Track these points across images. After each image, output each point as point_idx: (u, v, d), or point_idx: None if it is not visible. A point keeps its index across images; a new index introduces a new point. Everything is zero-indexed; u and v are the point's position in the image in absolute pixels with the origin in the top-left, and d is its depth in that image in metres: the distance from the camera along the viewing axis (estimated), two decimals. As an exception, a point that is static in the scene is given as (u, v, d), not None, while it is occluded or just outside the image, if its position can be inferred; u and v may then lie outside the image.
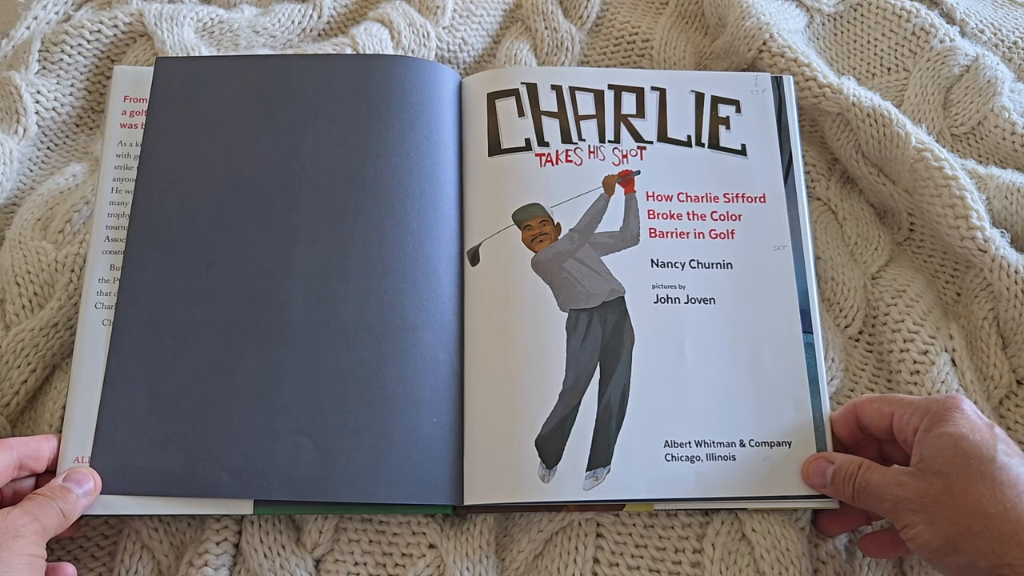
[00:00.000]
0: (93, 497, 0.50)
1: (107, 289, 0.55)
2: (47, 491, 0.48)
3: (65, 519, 0.48)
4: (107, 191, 0.58)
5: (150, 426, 0.52)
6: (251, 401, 0.53)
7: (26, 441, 0.50)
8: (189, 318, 0.54)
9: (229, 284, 0.55)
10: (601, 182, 0.59)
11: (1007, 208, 0.62)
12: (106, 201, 0.58)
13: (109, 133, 0.59)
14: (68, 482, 0.49)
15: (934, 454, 0.46)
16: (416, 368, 0.54)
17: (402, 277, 0.56)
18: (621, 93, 0.62)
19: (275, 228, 0.56)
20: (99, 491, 0.51)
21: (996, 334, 0.59)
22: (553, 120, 0.61)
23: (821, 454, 0.53)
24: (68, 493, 0.49)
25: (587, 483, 0.52)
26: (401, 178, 0.58)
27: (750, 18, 0.70)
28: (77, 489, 0.49)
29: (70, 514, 0.48)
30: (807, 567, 0.52)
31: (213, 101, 0.59)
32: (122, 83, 0.61)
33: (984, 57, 0.71)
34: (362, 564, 0.53)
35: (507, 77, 0.62)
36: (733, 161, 0.61)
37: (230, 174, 0.57)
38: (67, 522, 0.48)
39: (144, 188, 0.57)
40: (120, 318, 0.54)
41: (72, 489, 0.49)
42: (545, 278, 0.57)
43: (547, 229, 0.58)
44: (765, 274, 0.58)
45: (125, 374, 0.53)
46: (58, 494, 0.48)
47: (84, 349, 0.54)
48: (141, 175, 0.57)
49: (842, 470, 0.50)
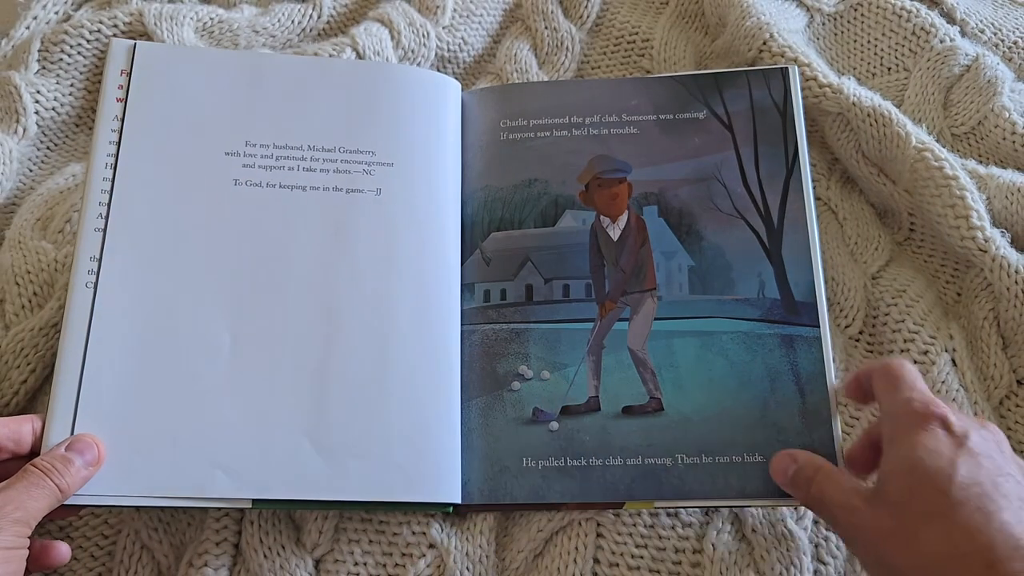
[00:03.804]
0: (96, 469, 0.48)
1: (96, 269, 0.53)
2: (47, 461, 0.46)
3: (62, 494, 0.45)
4: (100, 167, 0.56)
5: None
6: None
7: (5, 422, 0.47)
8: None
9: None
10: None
11: (1007, 208, 0.61)
12: (100, 177, 0.55)
13: (103, 108, 0.57)
14: (71, 451, 0.47)
15: (889, 478, 0.43)
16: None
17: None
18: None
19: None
20: (102, 463, 0.48)
21: (996, 334, 0.59)
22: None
23: (787, 451, 0.51)
24: (69, 464, 0.46)
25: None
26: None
27: (750, 18, 0.70)
28: (79, 460, 0.47)
29: (68, 489, 0.46)
30: (807, 567, 0.52)
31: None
32: (118, 57, 0.58)
33: (984, 57, 0.71)
34: (362, 564, 0.53)
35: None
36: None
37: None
38: (64, 497, 0.45)
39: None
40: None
41: (74, 460, 0.46)
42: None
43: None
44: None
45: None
46: (58, 466, 0.46)
47: (71, 333, 0.52)
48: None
49: (802, 472, 0.48)
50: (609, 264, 0.59)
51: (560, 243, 0.59)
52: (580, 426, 0.55)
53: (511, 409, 0.55)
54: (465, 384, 0.55)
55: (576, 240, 0.59)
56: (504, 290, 0.58)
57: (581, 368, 0.56)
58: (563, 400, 0.56)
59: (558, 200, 0.60)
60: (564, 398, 0.56)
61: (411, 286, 0.56)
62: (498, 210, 0.60)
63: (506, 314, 0.58)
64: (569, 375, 0.56)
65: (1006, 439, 0.45)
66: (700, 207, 0.60)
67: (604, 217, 0.60)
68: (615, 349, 0.57)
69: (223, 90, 0.58)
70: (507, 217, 0.60)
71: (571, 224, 0.60)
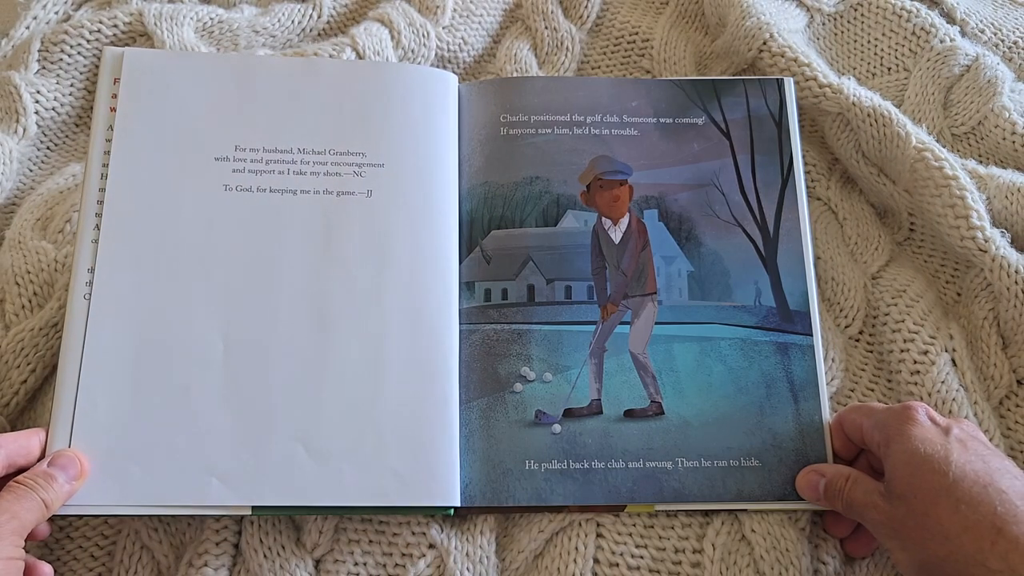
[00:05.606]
0: (79, 484, 0.48)
1: (91, 280, 0.54)
2: (30, 478, 0.46)
3: (47, 509, 0.45)
4: (95, 177, 0.56)
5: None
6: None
7: (15, 437, 0.48)
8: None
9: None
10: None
11: (1007, 208, 0.62)
12: (95, 188, 0.55)
13: (97, 118, 0.57)
14: (53, 467, 0.47)
15: (894, 475, 0.46)
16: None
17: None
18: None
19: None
20: (86, 477, 0.49)
21: (996, 334, 0.59)
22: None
23: (812, 467, 0.53)
24: (52, 481, 0.46)
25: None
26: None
27: (750, 18, 0.70)
28: (61, 475, 0.47)
29: (52, 504, 0.46)
30: (807, 567, 0.52)
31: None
32: (110, 64, 0.58)
33: (984, 57, 0.71)
34: (362, 564, 0.53)
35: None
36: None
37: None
38: (48, 512, 0.45)
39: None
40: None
41: (56, 476, 0.46)
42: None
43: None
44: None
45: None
46: (41, 482, 0.46)
47: (71, 343, 0.52)
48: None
49: (832, 484, 0.50)
50: (611, 267, 0.59)
51: (562, 244, 0.59)
52: (582, 429, 0.55)
53: (513, 411, 0.55)
54: (466, 385, 0.55)
55: (578, 241, 0.59)
56: (505, 290, 0.58)
57: (583, 371, 0.56)
58: (565, 403, 0.56)
59: (560, 200, 0.60)
60: (567, 401, 0.56)
61: (405, 287, 0.55)
62: (499, 207, 0.60)
63: (507, 314, 0.58)
64: (571, 377, 0.56)
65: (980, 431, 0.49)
66: (699, 213, 0.60)
67: (606, 219, 0.60)
68: (616, 352, 0.57)
69: (212, 95, 0.58)
70: (508, 215, 0.60)
71: (573, 225, 0.60)
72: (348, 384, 0.53)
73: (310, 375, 0.53)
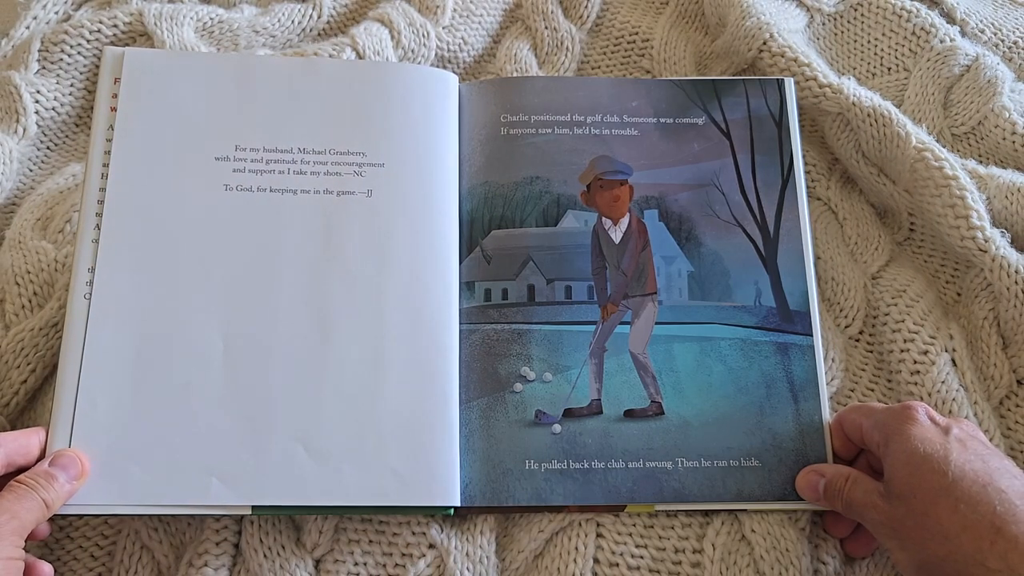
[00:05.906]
0: (79, 484, 0.48)
1: (92, 279, 0.54)
2: (31, 478, 0.46)
3: (48, 509, 0.45)
4: (96, 177, 0.56)
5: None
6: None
7: (15, 436, 0.48)
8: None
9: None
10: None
11: (1007, 208, 0.62)
12: (95, 188, 0.56)
13: (97, 118, 0.57)
14: (54, 467, 0.47)
15: (893, 474, 0.46)
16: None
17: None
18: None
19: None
20: (86, 477, 0.49)
21: (996, 334, 0.59)
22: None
23: (812, 467, 0.53)
24: (53, 480, 0.46)
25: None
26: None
27: (750, 18, 0.70)
28: (62, 475, 0.47)
29: (53, 504, 0.46)
30: (807, 567, 0.52)
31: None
32: (110, 64, 0.58)
33: (984, 57, 0.71)
34: (362, 564, 0.53)
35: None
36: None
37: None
38: (49, 512, 0.46)
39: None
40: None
41: (57, 476, 0.47)
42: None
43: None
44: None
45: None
46: (42, 482, 0.46)
47: (71, 342, 0.52)
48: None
49: (832, 484, 0.50)
50: (611, 267, 0.59)
51: (562, 244, 0.59)
52: (583, 429, 0.55)
53: (513, 411, 0.55)
54: (466, 384, 0.55)
55: (578, 241, 0.59)
56: (506, 290, 0.58)
57: (583, 371, 0.56)
58: (566, 403, 0.56)
59: (560, 199, 0.60)
60: (567, 401, 0.56)
61: (404, 287, 0.55)
62: (499, 207, 0.60)
63: (508, 314, 0.58)
64: (571, 377, 0.56)
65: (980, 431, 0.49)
66: (699, 213, 0.60)
67: (606, 219, 0.60)
68: (616, 352, 0.57)
69: (213, 94, 0.58)
70: (508, 215, 0.60)
71: (573, 225, 0.60)
72: (348, 384, 0.53)
73: (310, 375, 0.53)
